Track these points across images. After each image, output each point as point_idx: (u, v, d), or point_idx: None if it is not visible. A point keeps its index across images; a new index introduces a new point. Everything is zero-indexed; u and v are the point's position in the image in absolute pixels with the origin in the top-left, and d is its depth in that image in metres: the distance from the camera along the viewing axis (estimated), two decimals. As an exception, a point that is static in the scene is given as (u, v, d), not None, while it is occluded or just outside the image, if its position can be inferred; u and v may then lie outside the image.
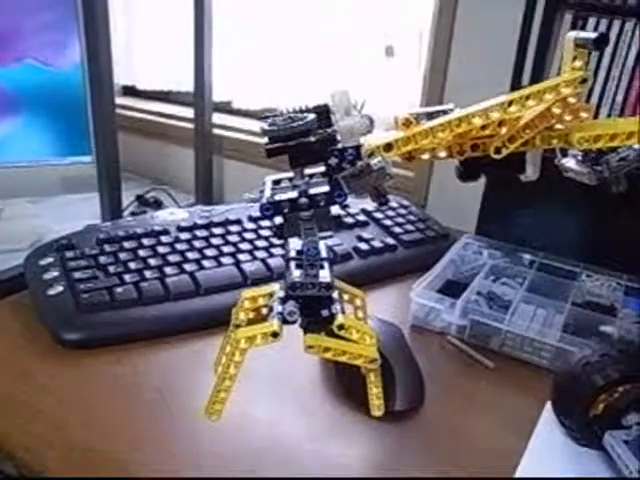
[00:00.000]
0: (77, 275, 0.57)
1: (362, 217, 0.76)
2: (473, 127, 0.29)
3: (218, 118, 1.16)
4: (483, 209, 0.74)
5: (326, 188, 0.31)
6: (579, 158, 0.34)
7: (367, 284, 0.67)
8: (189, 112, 1.15)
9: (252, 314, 0.38)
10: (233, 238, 0.67)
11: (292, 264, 0.34)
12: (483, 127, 0.31)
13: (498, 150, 0.30)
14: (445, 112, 0.31)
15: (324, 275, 0.33)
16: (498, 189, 0.77)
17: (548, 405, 0.49)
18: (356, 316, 0.40)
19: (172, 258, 0.62)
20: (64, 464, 0.42)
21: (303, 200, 0.31)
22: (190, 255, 0.63)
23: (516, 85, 0.76)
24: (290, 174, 0.33)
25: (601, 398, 0.43)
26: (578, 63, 0.31)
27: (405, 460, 0.44)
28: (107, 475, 0.41)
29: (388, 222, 0.76)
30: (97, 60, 0.87)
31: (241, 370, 0.38)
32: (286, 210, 0.31)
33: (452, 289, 0.64)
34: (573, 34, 0.31)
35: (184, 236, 0.66)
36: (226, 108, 1.18)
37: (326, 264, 0.34)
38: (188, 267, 0.61)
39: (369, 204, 0.79)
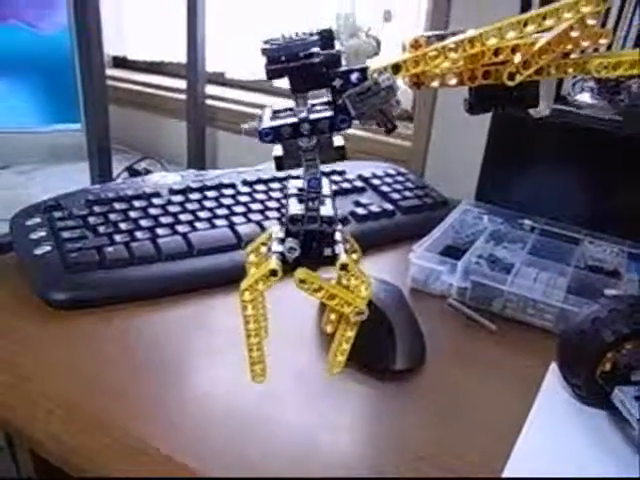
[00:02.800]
0: (65, 235, 0.55)
1: (359, 183, 0.74)
2: (487, 48, 0.28)
3: (211, 89, 1.13)
4: (482, 175, 0.73)
5: (329, 113, 0.29)
6: (594, 91, 0.32)
7: (364, 249, 0.66)
8: (182, 84, 1.12)
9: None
10: (227, 201, 0.65)
11: (293, 199, 0.32)
12: (496, 53, 0.29)
13: (512, 76, 0.28)
14: (456, 34, 0.29)
15: (326, 209, 0.31)
16: (498, 155, 0.75)
17: (552, 367, 0.48)
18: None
19: (164, 220, 0.60)
20: (50, 423, 0.40)
21: (305, 126, 0.29)
22: (183, 217, 0.61)
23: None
24: (290, 104, 0.31)
25: (610, 354, 0.41)
26: (598, -23, 0.29)
27: (403, 421, 0.42)
28: (92, 431, 0.39)
29: (386, 188, 0.74)
30: (85, 22, 0.85)
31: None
32: (286, 136, 0.30)
33: (452, 254, 0.63)
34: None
35: (176, 199, 0.64)
36: (219, 79, 1.16)
37: (328, 200, 0.32)
38: (181, 228, 0.59)
39: (366, 170, 0.77)
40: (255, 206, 0.64)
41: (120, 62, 1.29)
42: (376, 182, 0.75)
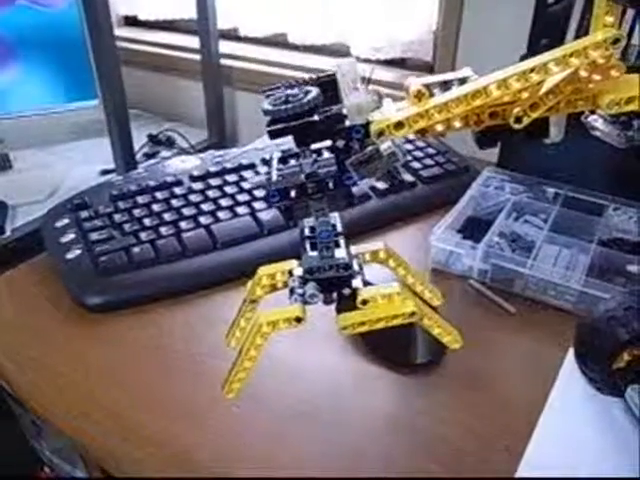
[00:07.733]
0: (93, 237, 0.57)
1: (379, 154, 0.73)
2: (491, 99, 0.27)
3: (226, 47, 1.11)
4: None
5: (334, 169, 0.30)
6: (607, 118, 0.31)
7: (387, 225, 0.66)
8: (196, 42, 1.09)
9: (269, 288, 0.37)
10: (248, 185, 0.65)
11: (307, 244, 0.33)
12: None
13: (519, 119, 0.28)
14: (461, 80, 0.28)
15: (340, 255, 0.32)
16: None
17: (571, 351, 0.49)
18: (389, 267, 0.39)
19: (187, 211, 0.61)
20: (92, 429, 0.44)
21: (311, 185, 0.29)
22: (205, 207, 0.62)
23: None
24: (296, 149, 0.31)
25: (625, 352, 0.42)
26: (610, 19, 0.27)
27: (426, 408, 0.45)
28: (136, 439, 0.43)
29: (406, 157, 0.73)
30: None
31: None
32: (294, 196, 0.30)
33: (473, 227, 0.63)
34: (604, -17, 0.27)
35: (197, 186, 0.65)
36: (233, 35, 1.13)
37: (341, 240, 0.33)
38: (203, 220, 0.60)
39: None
40: (275, 189, 0.65)
41: (131, 21, 1.26)
42: (396, 150, 0.74)
